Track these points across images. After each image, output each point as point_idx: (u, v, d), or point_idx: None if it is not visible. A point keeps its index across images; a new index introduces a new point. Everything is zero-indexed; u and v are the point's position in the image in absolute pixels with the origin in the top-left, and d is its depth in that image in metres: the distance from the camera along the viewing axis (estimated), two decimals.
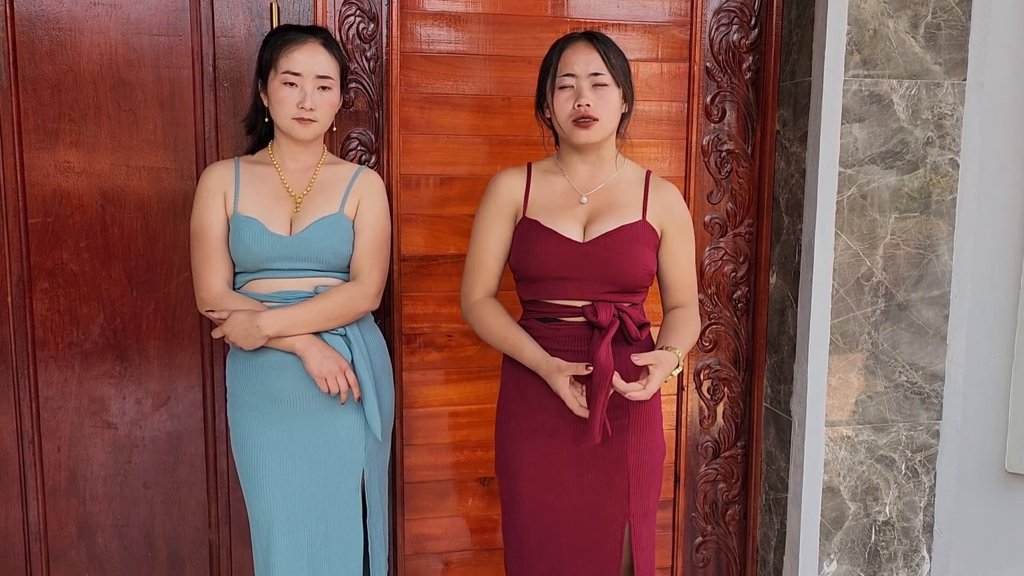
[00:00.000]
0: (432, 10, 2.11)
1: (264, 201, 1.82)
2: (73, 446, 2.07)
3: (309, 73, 1.76)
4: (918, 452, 2.30)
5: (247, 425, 1.81)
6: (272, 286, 1.80)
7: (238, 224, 1.79)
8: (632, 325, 1.72)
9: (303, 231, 1.80)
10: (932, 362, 2.27)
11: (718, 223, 2.33)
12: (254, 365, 1.79)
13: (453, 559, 2.32)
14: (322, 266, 1.82)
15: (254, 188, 1.82)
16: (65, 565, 2.11)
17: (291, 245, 1.79)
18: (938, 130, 2.18)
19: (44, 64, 1.95)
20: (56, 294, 2.02)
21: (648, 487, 1.78)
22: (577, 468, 1.75)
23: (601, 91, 1.70)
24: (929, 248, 2.23)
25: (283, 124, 1.79)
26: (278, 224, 1.80)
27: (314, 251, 1.80)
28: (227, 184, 1.82)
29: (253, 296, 1.80)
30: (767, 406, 2.38)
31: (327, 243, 1.81)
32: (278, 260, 1.79)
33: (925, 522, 2.33)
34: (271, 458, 1.79)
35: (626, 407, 1.72)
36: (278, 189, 1.84)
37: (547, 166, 1.84)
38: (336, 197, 1.85)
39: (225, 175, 1.83)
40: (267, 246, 1.78)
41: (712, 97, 2.27)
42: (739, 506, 2.45)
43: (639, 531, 1.77)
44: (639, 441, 1.76)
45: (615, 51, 1.73)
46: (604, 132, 1.73)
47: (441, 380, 2.24)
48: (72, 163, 1.99)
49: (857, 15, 2.10)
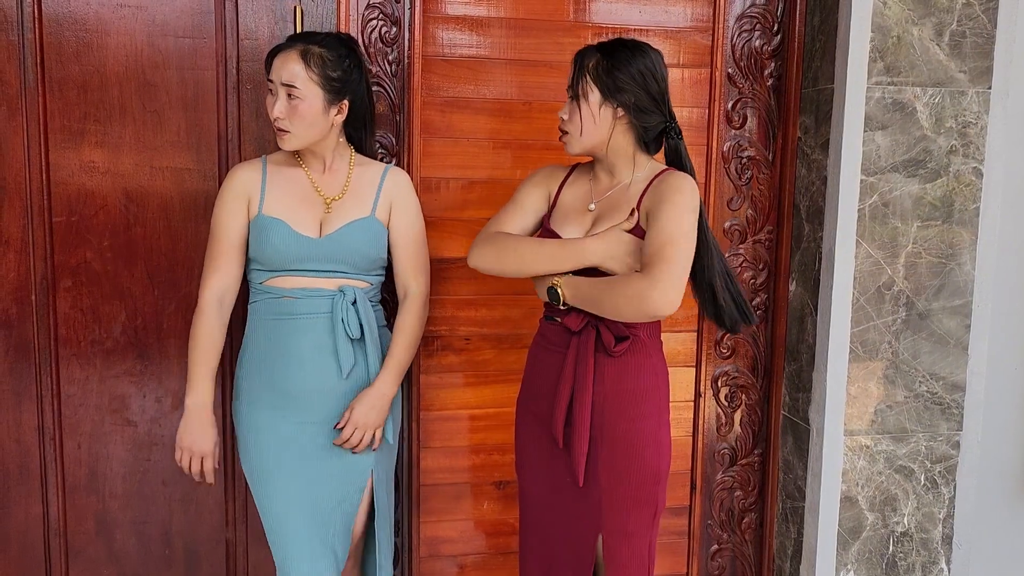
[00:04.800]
0: (454, 14, 2.12)
1: (291, 202, 1.81)
2: (93, 443, 2.09)
3: (278, 80, 1.74)
4: (938, 463, 2.28)
5: (261, 421, 1.81)
6: (296, 283, 1.80)
7: (264, 225, 1.79)
8: (608, 335, 1.68)
9: (333, 233, 1.80)
10: (953, 372, 2.25)
11: (738, 230, 2.32)
12: (271, 360, 1.80)
13: (468, 562, 2.32)
14: (350, 268, 1.82)
15: (281, 190, 1.82)
16: (84, 561, 2.13)
17: (320, 247, 1.79)
18: (962, 138, 2.17)
19: (71, 65, 1.97)
20: (79, 293, 2.04)
21: (628, 505, 1.72)
22: (563, 467, 1.76)
23: (573, 105, 1.71)
24: (951, 257, 2.21)
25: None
26: (306, 226, 1.80)
27: (344, 254, 1.80)
28: (252, 186, 1.82)
29: (276, 291, 1.81)
30: (785, 414, 2.37)
31: (357, 247, 1.81)
32: (306, 261, 1.79)
33: (944, 534, 2.31)
34: (286, 454, 1.80)
35: (601, 420, 1.70)
36: (307, 191, 1.83)
37: (585, 169, 1.84)
38: (367, 200, 1.85)
39: (250, 177, 1.83)
40: (295, 247, 1.78)
41: (733, 103, 2.27)
42: (755, 514, 2.44)
43: (613, 547, 1.73)
44: (612, 457, 1.71)
45: (604, 64, 1.68)
46: (578, 145, 1.72)
47: (458, 383, 2.24)
48: (97, 163, 2.01)
49: (881, 22, 2.09)
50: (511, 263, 1.73)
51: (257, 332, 1.84)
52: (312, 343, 1.79)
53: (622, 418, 1.71)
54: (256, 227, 1.80)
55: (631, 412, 1.71)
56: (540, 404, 1.78)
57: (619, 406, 1.70)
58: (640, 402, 1.72)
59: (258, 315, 1.84)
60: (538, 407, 1.79)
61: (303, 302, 1.79)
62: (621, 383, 1.71)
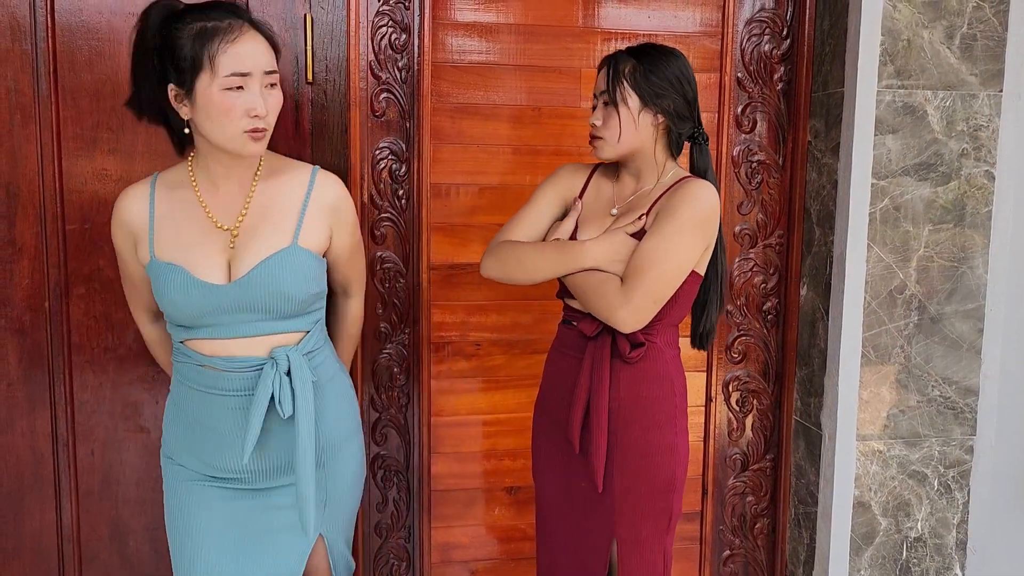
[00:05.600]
0: (463, 21, 2.13)
1: (187, 239, 1.45)
2: (107, 450, 2.10)
3: (257, 71, 1.40)
4: (951, 468, 2.26)
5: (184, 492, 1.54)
6: (215, 348, 1.46)
7: (158, 272, 1.45)
8: (623, 341, 1.68)
9: (245, 276, 1.44)
10: (966, 376, 2.24)
11: (748, 234, 2.32)
12: (197, 432, 1.52)
13: (479, 568, 2.32)
14: (274, 316, 1.46)
15: (173, 223, 1.46)
16: (97, 567, 2.13)
17: (229, 295, 1.43)
18: (973, 142, 2.16)
19: (83, 74, 1.98)
20: (92, 300, 2.05)
21: (641, 513, 1.71)
22: (579, 473, 1.75)
23: (608, 110, 1.69)
24: (963, 261, 2.20)
25: (231, 141, 1.41)
26: (209, 269, 1.44)
27: (261, 299, 1.44)
28: (138, 223, 1.48)
29: (196, 357, 1.48)
30: (797, 419, 2.36)
31: (278, 288, 1.45)
32: (216, 314, 1.44)
33: (958, 539, 2.29)
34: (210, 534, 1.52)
35: (616, 427, 1.69)
36: (203, 221, 1.47)
37: (607, 171, 1.83)
38: (285, 223, 1.48)
39: (136, 210, 1.48)
40: (198, 299, 1.43)
41: (743, 108, 2.27)
42: (768, 520, 2.43)
43: (625, 555, 1.73)
44: (626, 464, 1.70)
45: (645, 68, 1.67)
46: (611, 151, 1.70)
47: (469, 389, 2.24)
48: (109, 171, 2.02)
49: (891, 26, 2.09)
50: (515, 271, 1.72)
51: (181, 393, 1.55)
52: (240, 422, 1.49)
53: (635, 425, 1.70)
54: (151, 274, 1.47)
55: (645, 420, 1.70)
56: (556, 409, 1.78)
57: (633, 413, 1.70)
58: (654, 410, 1.71)
59: (181, 375, 1.54)
60: (555, 411, 1.79)
61: (226, 377, 1.47)
62: (636, 390, 1.70)
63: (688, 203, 1.63)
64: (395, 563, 2.26)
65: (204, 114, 1.40)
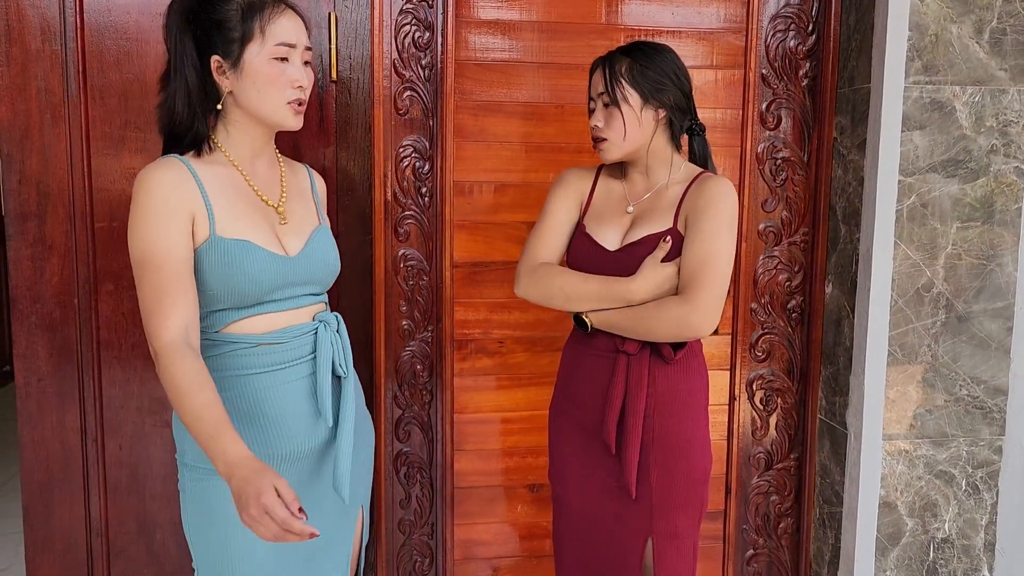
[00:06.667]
0: (486, 18, 2.13)
1: (244, 214, 1.44)
2: (135, 445, 2.13)
3: (300, 44, 1.46)
4: (979, 468, 2.23)
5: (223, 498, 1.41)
6: (268, 323, 1.46)
7: (224, 249, 1.40)
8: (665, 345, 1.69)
9: (304, 248, 1.50)
10: (995, 376, 2.21)
11: (772, 231, 2.30)
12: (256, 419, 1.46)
13: (502, 565, 2.32)
14: (319, 289, 1.56)
15: (227, 199, 1.43)
16: (124, 560, 2.16)
17: (297, 267, 1.48)
18: (1003, 138, 2.13)
19: (112, 73, 2.01)
20: (120, 296, 2.07)
21: (676, 507, 1.72)
22: (610, 474, 1.75)
23: (610, 111, 1.70)
24: (992, 258, 2.17)
25: (274, 110, 1.45)
26: (271, 243, 1.46)
27: (317, 271, 1.52)
28: (192, 198, 1.40)
29: (246, 339, 1.44)
30: (822, 418, 2.34)
31: (327, 259, 1.55)
32: (282, 288, 1.46)
33: (986, 540, 2.26)
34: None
35: (653, 422, 1.70)
36: (252, 198, 1.48)
37: (613, 171, 1.84)
38: (309, 203, 1.59)
39: (186, 185, 1.40)
40: (272, 272, 1.43)
41: (768, 104, 2.25)
42: (792, 519, 2.41)
43: (663, 550, 1.73)
44: (664, 458, 1.71)
45: (642, 64, 1.67)
46: (618, 151, 1.71)
47: (492, 386, 2.24)
48: (137, 169, 2.03)
49: (918, 20, 2.06)
50: (557, 298, 1.73)
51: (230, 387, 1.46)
52: (298, 395, 1.49)
53: (673, 419, 1.71)
54: (209, 255, 1.40)
55: (682, 413, 1.71)
56: (584, 411, 1.76)
57: (670, 408, 1.70)
58: (689, 403, 1.72)
59: (216, 372, 1.42)
60: (582, 415, 1.77)
61: (286, 348, 1.47)
62: (673, 385, 1.71)
63: (719, 203, 1.65)
64: (418, 559, 2.27)
65: (250, 82, 1.43)
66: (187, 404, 1.29)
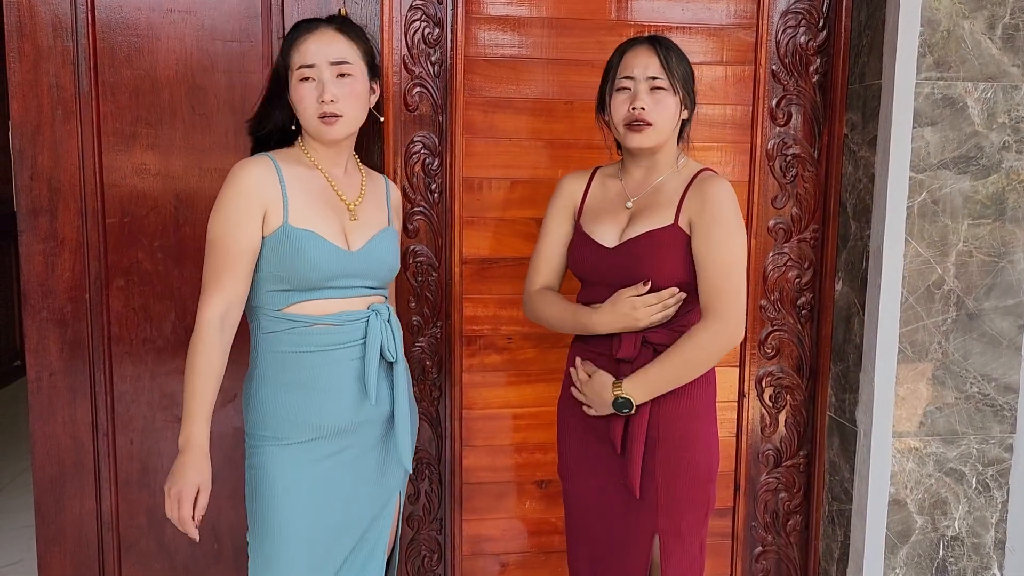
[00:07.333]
0: (496, 15, 2.13)
1: (319, 210, 1.62)
2: (145, 439, 2.14)
3: (323, 61, 1.58)
4: (990, 466, 2.23)
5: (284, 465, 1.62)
6: (325, 307, 1.62)
7: (291, 237, 1.57)
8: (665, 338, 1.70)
9: (366, 246, 1.66)
10: (1005, 373, 2.20)
11: (782, 228, 2.29)
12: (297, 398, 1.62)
13: (510, 560, 2.32)
14: (377, 283, 1.69)
15: (304, 195, 1.61)
16: (135, 554, 2.18)
17: (354, 261, 1.63)
18: (1015, 134, 2.12)
19: (123, 70, 2.02)
20: (131, 292, 2.08)
21: (682, 505, 1.72)
22: (617, 472, 1.75)
23: (658, 95, 1.69)
24: (1003, 255, 2.16)
25: (310, 127, 1.62)
26: (336, 237, 1.62)
27: (375, 267, 1.67)
28: (271, 191, 1.59)
29: (304, 319, 1.60)
30: (831, 415, 2.34)
31: (386, 258, 1.69)
32: (339, 277, 1.62)
33: (996, 539, 2.26)
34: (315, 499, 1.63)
35: (658, 421, 1.70)
36: (329, 196, 1.66)
37: (610, 171, 1.86)
38: (382, 207, 1.75)
39: (267, 180, 1.59)
40: (332, 262, 1.59)
41: (778, 100, 2.24)
42: (801, 516, 2.41)
43: (669, 547, 1.73)
44: (669, 457, 1.71)
45: (678, 56, 1.71)
46: (658, 137, 1.71)
47: (501, 382, 2.25)
48: (148, 165, 2.05)
49: (930, 16, 2.05)
50: (548, 326, 1.83)
51: (274, 367, 1.63)
52: (347, 374, 1.64)
53: (679, 417, 1.71)
54: (280, 241, 1.58)
55: (688, 411, 1.71)
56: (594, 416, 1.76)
57: (676, 406, 1.70)
58: (695, 401, 1.72)
59: (276, 348, 1.63)
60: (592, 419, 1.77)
61: (339, 330, 1.62)
62: None
63: (722, 205, 1.67)
64: (427, 555, 2.28)
65: (295, 104, 1.63)
66: (192, 378, 1.54)
